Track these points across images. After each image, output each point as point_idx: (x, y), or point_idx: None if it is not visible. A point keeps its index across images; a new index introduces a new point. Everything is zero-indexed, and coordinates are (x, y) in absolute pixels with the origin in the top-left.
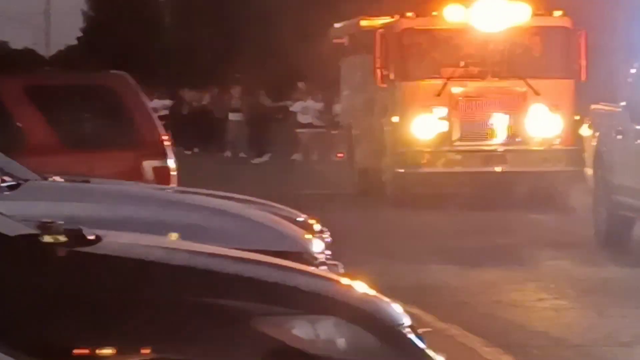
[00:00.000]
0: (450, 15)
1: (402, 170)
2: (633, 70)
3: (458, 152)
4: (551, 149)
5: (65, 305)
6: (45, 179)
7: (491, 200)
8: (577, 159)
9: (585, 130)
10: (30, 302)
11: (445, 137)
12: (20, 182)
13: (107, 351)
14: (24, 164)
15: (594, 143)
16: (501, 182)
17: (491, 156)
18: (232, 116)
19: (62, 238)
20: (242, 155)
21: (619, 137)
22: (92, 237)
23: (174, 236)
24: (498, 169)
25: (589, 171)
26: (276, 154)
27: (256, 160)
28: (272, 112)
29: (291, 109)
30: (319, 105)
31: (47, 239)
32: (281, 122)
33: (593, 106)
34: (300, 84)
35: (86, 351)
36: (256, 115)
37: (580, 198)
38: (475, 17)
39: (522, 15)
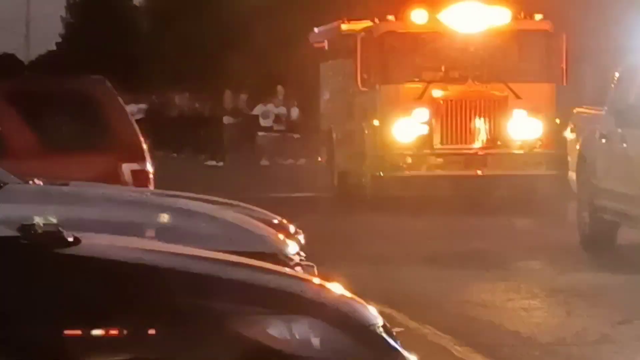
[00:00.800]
0: (431, 19)
1: (382, 174)
2: (617, 74)
3: (439, 155)
4: (532, 152)
5: (44, 307)
6: (25, 182)
7: (471, 203)
8: (558, 162)
9: (568, 134)
10: (11, 304)
11: (426, 141)
12: (0, 185)
13: (83, 351)
14: (3, 167)
15: (577, 147)
16: (482, 185)
17: (472, 160)
18: (226, 119)
19: (42, 240)
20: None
21: (603, 140)
22: (71, 239)
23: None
24: (479, 172)
25: (573, 175)
26: (243, 157)
27: (210, 162)
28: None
29: (252, 112)
30: (279, 110)
31: (27, 241)
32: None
33: (576, 110)
34: (279, 88)
35: (62, 351)
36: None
37: (562, 202)
38: (456, 21)
39: (503, 19)
